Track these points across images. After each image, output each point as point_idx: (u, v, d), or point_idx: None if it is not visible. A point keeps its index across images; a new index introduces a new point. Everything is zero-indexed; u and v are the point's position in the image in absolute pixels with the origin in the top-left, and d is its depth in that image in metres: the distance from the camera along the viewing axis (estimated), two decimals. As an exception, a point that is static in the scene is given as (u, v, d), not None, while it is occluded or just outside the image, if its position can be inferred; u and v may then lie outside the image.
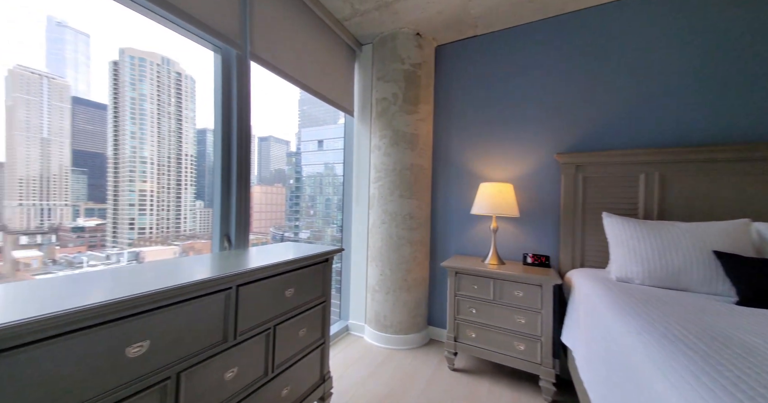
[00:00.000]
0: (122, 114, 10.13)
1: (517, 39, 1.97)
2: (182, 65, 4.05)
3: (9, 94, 6.69)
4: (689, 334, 0.75)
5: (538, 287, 1.52)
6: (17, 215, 7.11)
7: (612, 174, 1.62)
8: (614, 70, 1.71)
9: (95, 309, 0.60)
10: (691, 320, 0.84)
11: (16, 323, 0.50)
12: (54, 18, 7.99)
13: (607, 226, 1.47)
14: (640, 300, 1.03)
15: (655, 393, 0.60)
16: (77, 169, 6.89)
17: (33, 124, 8.04)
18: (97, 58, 7.20)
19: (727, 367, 0.60)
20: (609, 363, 0.87)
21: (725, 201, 1.41)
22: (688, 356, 0.64)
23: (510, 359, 1.57)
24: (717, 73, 1.50)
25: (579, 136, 1.78)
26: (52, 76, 6.92)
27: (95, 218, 7.63)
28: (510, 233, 1.96)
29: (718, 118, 1.50)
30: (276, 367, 1.12)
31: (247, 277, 0.97)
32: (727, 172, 1.42)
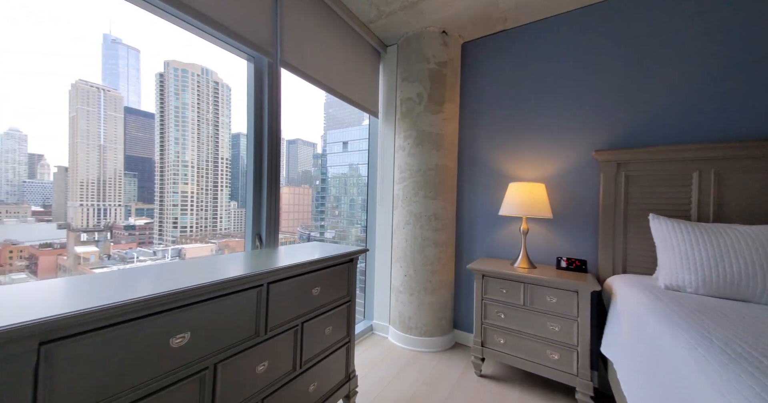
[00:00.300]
0: (167, 122, 11.31)
1: (549, 31, 1.87)
2: (219, 75, 4.35)
3: (72, 105, 7.74)
4: (753, 350, 0.67)
5: (574, 293, 1.43)
6: (78, 214, 8.15)
7: (659, 172, 1.49)
8: (660, 58, 1.56)
9: (145, 301, 0.65)
10: (754, 334, 0.75)
11: (80, 312, 0.56)
12: (109, 36, 8.89)
13: (655, 229, 1.35)
14: (693, 310, 0.94)
15: (697, 389, 0.53)
16: (129, 173, 7.70)
17: (92, 133, 9.18)
18: (145, 71, 7.84)
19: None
20: (656, 379, 0.80)
21: (800, 202, 1.23)
22: (751, 375, 0.57)
23: (543, 369, 1.49)
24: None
25: (620, 131, 1.65)
26: (107, 89, 7.79)
27: (144, 218, 8.53)
28: (542, 235, 1.86)
29: (790, 107, 1.32)
30: (304, 363, 1.15)
31: (277, 275, 1.01)
32: (801, 168, 1.24)
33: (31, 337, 0.50)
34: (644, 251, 1.49)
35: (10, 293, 0.64)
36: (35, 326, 0.49)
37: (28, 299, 0.61)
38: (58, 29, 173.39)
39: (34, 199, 18.57)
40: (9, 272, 9.71)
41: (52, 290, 0.69)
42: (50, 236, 11.43)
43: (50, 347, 0.53)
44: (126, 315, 0.64)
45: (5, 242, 10.88)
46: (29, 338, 0.50)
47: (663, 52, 1.56)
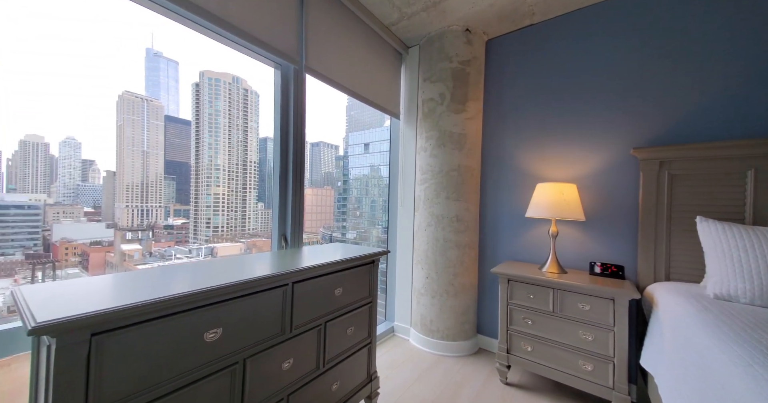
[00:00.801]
0: (202, 128, 12.13)
1: (580, 23, 1.78)
2: (249, 82, 4.59)
3: (119, 115, 8.60)
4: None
5: (610, 301, 1.34)
6: (124, 214, 9.00)
7: (708, 171, 1.36)
8: (708, 45, 1.43)
9: (183, 297, 0.70)
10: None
11: (126, 307, 0.61)
12: (152, 49, 9.65)
13: (703, 233, 1.23)
14: (747, 323, 0.84)
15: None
16: (168, 177, 8.33)
17: (136, 140, 10.13)
18: (183, 81, 8.48)
19: None
20: (704, 397, 0.72)
21: None
22: None
23: (575, 380, 1.41)
24: None
25: (662, 127, 1.53)
26: (150, 99, 8.54)
27: (181, 218, 9.21)
28: (573, 238, 1.76)
29: None
30: (327, 362, 1.17)
31: (302, 275, 1.04)
32: None
33: (85, 328, 0.55)
34: (690, 257, 1.37)
35: (66, 288, 0.71)
36: (89, 318, 0.54)
37: (81, 294, 0.67)
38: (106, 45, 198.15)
39: (86, 200, 20.50)
40: (65, 267, 10.81)
41: (101, 285, 0.75)
42: (99, 234, 12.58)
43: (100, 338, 0.58)
44: (166, 310, 0.69)
45: (62, 240, 12.11)
46: (83, 329, 0.55)
47: (711, 40, 1.42)
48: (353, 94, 1.86)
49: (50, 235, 12.50)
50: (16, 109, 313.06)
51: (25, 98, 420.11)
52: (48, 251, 12.12)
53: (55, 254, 11.83)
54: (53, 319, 0.51)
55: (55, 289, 0.70)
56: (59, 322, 0.51)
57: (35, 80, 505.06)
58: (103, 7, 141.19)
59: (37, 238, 12.06)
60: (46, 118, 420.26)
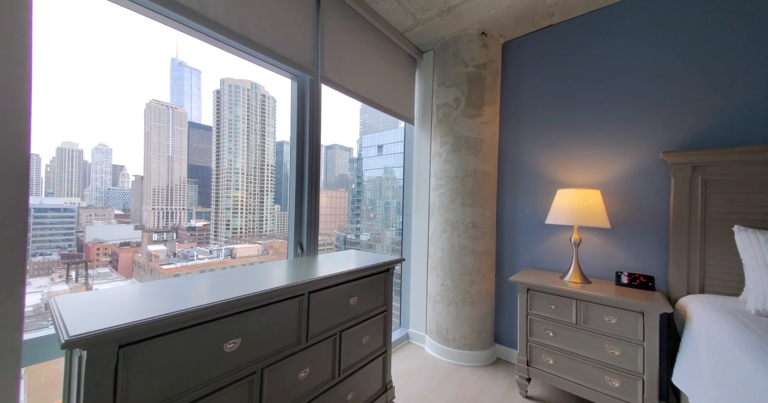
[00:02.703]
0: (222, 133, 12.58)
1: (603, 23, 1.71)
2: (266, 88, 4.70)
3: (147, 122, 9.17)
4: None
5: (639, 314, 1.26)
6: (151, 217, 9.49)
7: (747, 176, 1.26)
8: (744, 40, 1.33)
9: (205, 309, 0.72)
10: None
11: (152, 319, 0.63)
12: (176, 59, 10.10)
13: (741, 243, 1.14)
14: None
15: None
16: (191, 180, 8.70)
17: (162, 145, 10.70)
18: (205, 89, 8.85)
19: None
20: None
21: None
22: None
23: (600, 396, 1.34)
24: None
25: (694, 130, 1.44)
26: (175, 107, 9.01)
27: (203, 220, 9.55)
28: (597, 246, 1.69)
29: None
30: (342, 371, 1.17)
31: (318, 285, 1.05)
32: None
33: (113, 341, 0.57)
34: (728, 269, 1.27)
35: (96, 298, 0.75)
36: (117, 331, 0.57)
37: (109, 304, 0.70)
38: (135, 56, 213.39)
39: (117, 203, 21.75)
40: (96, 267, 11.46)
41: (128, 296, 0.79)
42: (128, 235, 13.28)
43: (128, 350, 0.61)
44: (189, 321, 0.71)
45: (94, 241, 12.85)
46: (112, 342, 0.57)
47: (744, 39, 1.33)
48: (367, 102, 1.87)
49: (83, 236, 13.30)
50: (54, 119, 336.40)
51: (62, 108, 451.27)
52: (81, 251, 12.90)
53: (87, 254, 12.58)
54: (84, 333, 0.54)
55: (86, 299, 0.73)
56: (89, 336, 0.53)
57: (71, 91, 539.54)
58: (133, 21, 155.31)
59: (72, 239, 12.86)
60: (81, 127, 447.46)
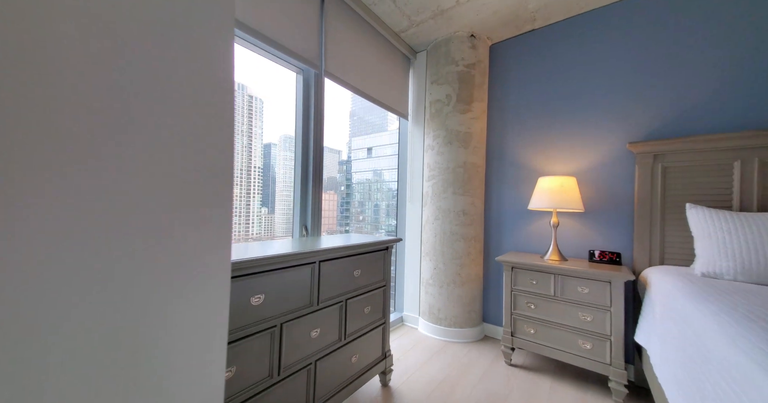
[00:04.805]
0: None
1: (579, 28, 1.90)
2: (253, 89, 4.73)
3: None
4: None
5: (607, 284, 1.45)
6: None
7: (699, 162, 1.47)
8: (697, 47, 1.54)
9: (237, 263, 0.84)
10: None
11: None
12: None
13: (692, 218, 1.34)
14: (725, 291, 0.95)
15: (726, 361, 0.59)
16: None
17: None
18: (195, 87, 8.84)
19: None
20: (685, 353, 0.84)
21: None
22: (766, 329, 0.62)
23: (575, 358, 1.52)
24: (843, 38, 1.27)
25: (656, 122, 1.64)
26: None
27: None
28: (573, 229, 1.87)
29: None
30: (347, 335, 1.30)
31: (327, 254, 1.18)
32: None
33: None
34: (682, 243, 1.47)
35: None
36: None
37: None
38: None
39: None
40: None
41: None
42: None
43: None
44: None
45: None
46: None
47: (700, 42, 1.54)
48: (366, 97, 2.00)
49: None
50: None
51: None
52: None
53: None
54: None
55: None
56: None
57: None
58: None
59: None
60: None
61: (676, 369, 0.89)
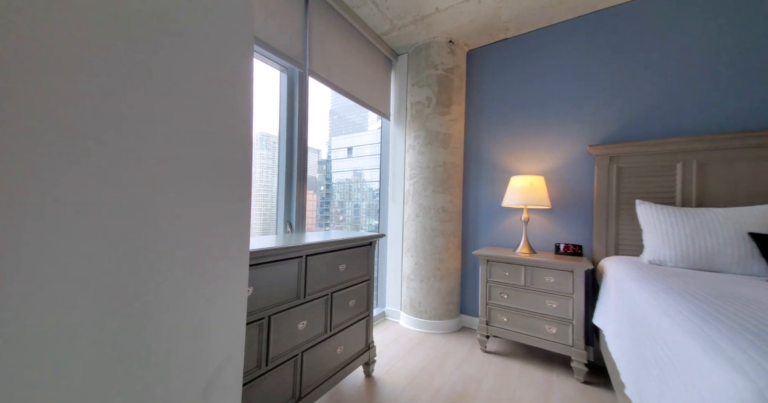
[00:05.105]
0: None
1: (547, 39, 2.06)
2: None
3: None
4: (703, 293, 0.84)
5: (570, 273, 1.59)
6: None
7: (647, 164, 1.65)
8: (648, 61, 1.74)
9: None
10: (710, 286, 0.92)
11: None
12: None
13: (641, 213, 1.51)
14: (666, 275, 1.10)
15: (660, 329, 0.71)
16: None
17: None
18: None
19: (732, 311, 0.70)
20: (632, 327, 0.97)
21: (766, 186, 1.39)
22: (695, 303, 0.75)
23: (542, 342, 1.66)
24: (761, 57, 1.49)
25: (612, 127, 1.83)
26: None
27: None
28: (541, 224, 2.03)
29: (762, 103, 1.48)
30: (333, 327, 1.35)
31: (314, 249, 1.22)
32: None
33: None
34: (634, 235, 1.65)
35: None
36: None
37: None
38: None
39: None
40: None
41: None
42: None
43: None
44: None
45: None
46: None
47: (651, 56, 1.73)
48: (350, 96, 2.05)
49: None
50: None
51: None
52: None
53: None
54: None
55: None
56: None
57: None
58: None
59: None
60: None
61: (625, 344, 1.02)
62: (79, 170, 0.36)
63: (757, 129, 1.47)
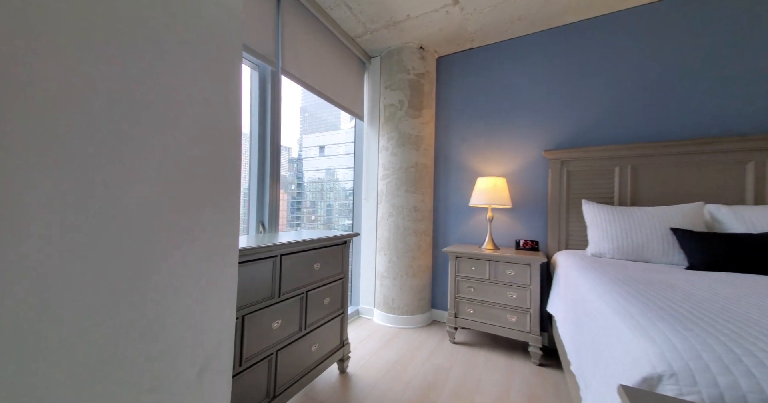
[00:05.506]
0: None
1: (508, 51, 2.23)
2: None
3: None
4: (631, 279, 0.99)
5: (527, 266, 1.75)
6: None
7: (592, 168, 1.86)
8: (596, 77, 1.95)
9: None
10: (638, 274, 1.08)
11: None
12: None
13: (586, 212, 1.71)
14: (604, 265, 1.27)
15: (597, 312, 0.84)
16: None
17: None
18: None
19: (651, 294, 0.84)
20: (575, 311, 1.11)
21: (686, 188, 1.64)
22: (624, 288, 0.88)
23: (503, 330, 1.80)
24: (683, 79, 1.75)
25: (564, 135, 2.03)
26: None
27: None
28: (504, 222, 2.20)
29: (684, 117, 1.73)
30: (308, 326, 1.37)
31: (289, 248, 1.23)
32: (689, 163, 1.65)
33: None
34: (581, 231, 1.86)
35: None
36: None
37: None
38: None
39: None
40: None
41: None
42: None
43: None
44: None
45: None
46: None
47: (598, 73, 1.95)
48: (323, 96, 2.06)
49: None
50: None
51: None
52: None
53: None
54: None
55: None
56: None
57: None
58: None
59: None
60: None
61: (571, 326, 1.16)
62: (80, 170, 0.37)
63: (681, 139, 1.72)
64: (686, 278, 1.05)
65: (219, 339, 0.56)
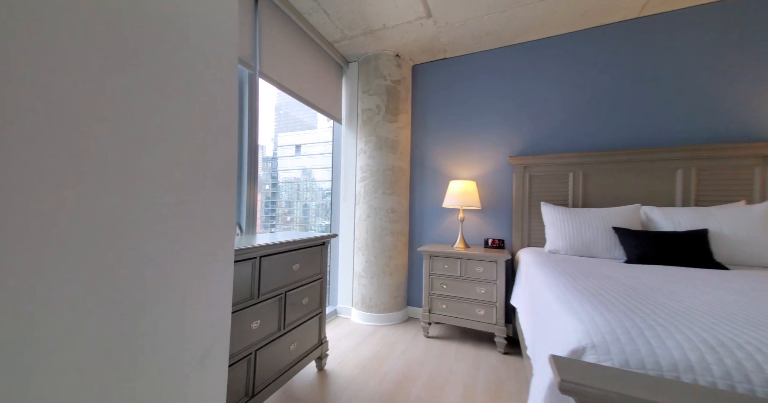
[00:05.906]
0: None
1: (478, 62, 2.39)
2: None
3: None
4: (577, 273, 1.14)
5: (494, 263, 1.90)
6: None
7: (550, 173, 2.06)
8: (554, 91, 2.15)
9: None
10: (584, 267, 1.24)
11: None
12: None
13: (544, 212, 1.89)
14: (558, 261, 1.43)
15: (547, 301, 0.97)
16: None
17: None
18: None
19: (590, 284, 0.99)
20: (532, 301, 1.25)
21: (627, 192, 1.87)
22: (569, 280, 1.02)
23: (473, 323, 1.94)
24: (627, 96, 1.98)
25: (527, 142, 2.21)
26: None
27: None
28: (474, 222, 2.35)
29: (627, 129, 1.97)
30: (286, 325, 1.40)
31: (268, 250, 1.26)
32: (630, 170, 1.88)
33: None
34: (540, 230, 2.04)
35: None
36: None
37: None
38: None
39: None
40: None
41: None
42: None
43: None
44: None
45: None
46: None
47: (556, 87, 2.15)
48: (301, 99, 2.09)
49: None
50: None
51: None
52: None
53: None
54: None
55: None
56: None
57: None
58: None
59: None
60: None
61: (528, 315, 1.30)
62: (78, 171, 0.40)
63: (623, 148, 1.95)
64: (622, 271, 1.23)
65: (219, 328, 0.61)
